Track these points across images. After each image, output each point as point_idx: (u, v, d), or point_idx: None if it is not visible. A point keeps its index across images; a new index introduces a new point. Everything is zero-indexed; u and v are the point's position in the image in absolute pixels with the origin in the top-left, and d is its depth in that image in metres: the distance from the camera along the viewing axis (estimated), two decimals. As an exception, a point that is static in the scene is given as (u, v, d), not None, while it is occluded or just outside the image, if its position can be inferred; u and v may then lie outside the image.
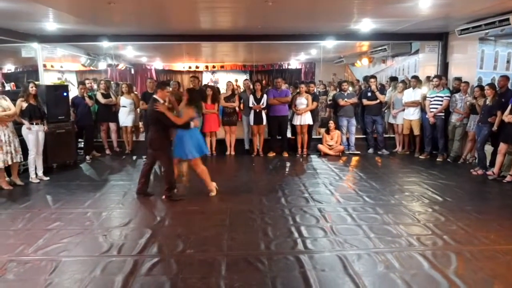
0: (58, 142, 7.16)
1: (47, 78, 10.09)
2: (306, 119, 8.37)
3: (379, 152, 8.76)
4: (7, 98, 6.09)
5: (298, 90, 8.61)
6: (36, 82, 6.90)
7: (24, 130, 6.32)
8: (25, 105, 6.29)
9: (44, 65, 9.74)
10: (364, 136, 9.13)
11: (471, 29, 7.30)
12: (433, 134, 8.11)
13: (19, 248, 3.87)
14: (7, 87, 10.36)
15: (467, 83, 7.66)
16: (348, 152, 8.69)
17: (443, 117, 7.92)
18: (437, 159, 7.94)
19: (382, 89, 9.12)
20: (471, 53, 8.12)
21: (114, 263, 3.57)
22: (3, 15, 6.52)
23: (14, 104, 6.17)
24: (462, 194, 5.70)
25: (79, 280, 3.26)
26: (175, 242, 4.03)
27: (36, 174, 6.47)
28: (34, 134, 6.38)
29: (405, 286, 3.12)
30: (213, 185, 5.67)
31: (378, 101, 8.67)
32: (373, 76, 9.18)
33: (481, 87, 6.95)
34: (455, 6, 6.35)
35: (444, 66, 9.06)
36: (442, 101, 7.82)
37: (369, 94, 8.74)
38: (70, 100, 8.05)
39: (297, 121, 8.44)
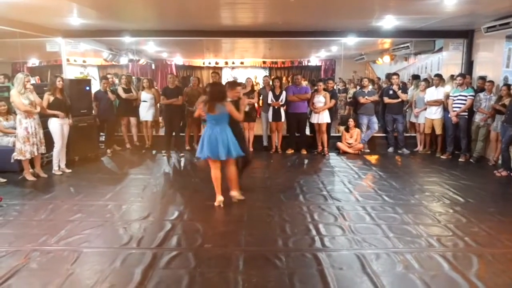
0: (80, 136, 7.30)
1: (70, 73, 10.27)
2: (324, 117, 8.28)
3: (399, 151, 8.64)
4: (34, 92, 6.24)
5: (316, 88, 8.55)
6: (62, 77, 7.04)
7: (51, 123, 6.47)
8: (52, 98, 6.44)
9: (68, 60, 9.92)
10: (385, 134, 9.02)
11: (498, 27, 7.11)
12: (456, 134, 7.95)
13: (42, 238, 3.97)
14: (32, 81, 10.59)
15: (492, 82, 7.48)
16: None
17: (466, 116, 7.75)
18: (459, 160, 7.78)
19: (404, 88, 8.97)
20: (497, 52, 7.91)
21: (133, 255, 3.63)
22: (29, 10, 6.66)
23: (41, 98, 6.33)
24: (484, 196, 5.58)
25: (100, 271, 3.32)
26: (193, 236, 4.07)
27: (59, 166, 6.62)
28: (60, 127, 6.52)
29: (424, 287, 3.07)
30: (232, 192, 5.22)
31: (399, 99, 8.54)
32: (395, 74, 9.04)
33: (508, 86, 6.77)
34: (481, 3, 6.18)
35: (469, 65, 8.84)
36: (465, 100, 7.65)
37: (391, 92, 8.61)
38: (92, 94, 8.19)
39: (314, 119, 8.38)
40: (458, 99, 7.74)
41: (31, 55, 12.24)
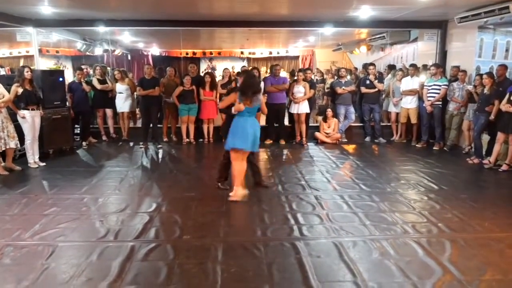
0: (54, 128, 7.13)
1: (43, 64, 9.99)
2: (303, 107, 8.32)
3: (376, 141, 8.78)
4: (0, 85, 6.03)
5: (295, 78, 8.56)
6: (32, 67, 6.82)
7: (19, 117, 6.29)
8: (20, 90, 6.23)
9: (40, 50, 9.63)
10: (362, 124, 9.13)
11: (471, 17, 7.25)
12: (430, 123, 8.12)
13: (16, 233, 3.88)
14: (2, 72, 10.28)
15: (465, 71, 7.65)
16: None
17: (440, 105, 7.91)
18: (434, 148, 7.96)
19: (381, 77, 9.09)
20: (470, 42, 8.08)
21: (110, 249, 3.58)
22: (-3, -2, 6.43)
23: (8, 90, 6.12)
24: (457, 183, 5.73)
25: (76, 265, 3.27)
26: (172, 228, 4.05)
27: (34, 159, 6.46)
28: (30, 120, 6.34)
29: (400, 273, 3.15)
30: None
31: (376, 89, 8.65)
32: (372, 64, 9.14)
33: (482, 76, 6.94)
34: (455, -6, 6.30)
35: (443, 55, 9.02)
36: (439, 89, 7.81)
37: (368, 82, 8.70)
38: (66, 86, 7.99)
39: (294, 109, 8.40)
40: (432, 89, 7.89)
41: (1, 45, 11.85)
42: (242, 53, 16.00)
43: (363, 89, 8.75)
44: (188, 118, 8.38)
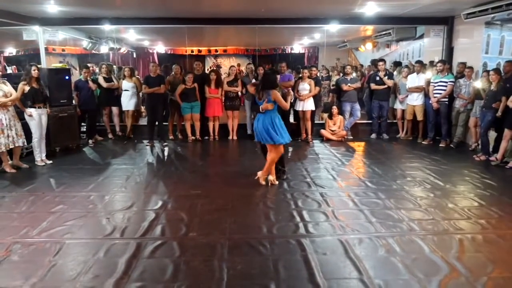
0: (60, 126, 7.17)
1: (49, 62, 10.04)
2: (308, 105, 8.30)
3: (380, 137, 8.76)
4: (7, 83, 6.07)
5: (300, 75, 8.54)
6: (38, 66, 6.86)
7: (26, 115, 6.33)
8: (27, 88, 6.27)
9: (46, 49, 9.68)
10: (369, 121, 9.09)
11: (478, 13, 7.19)
12: (437, 120, 8.07)
13: (23, 231, 3.91)
14: (9, 70, 10.36)
15: (471, 68, 7.59)
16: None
17: (446, 102, 7.87)
18: (440, 145, 7.92)
19: (391, 74, 9.00)
20: (476, 38, 8.02)
21: (117, 246, 3.60)
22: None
23: (15, 88, 6.16)
24: (464, 180, 5.69)
25: (83, 262, 3.29)
26: (178, 225, 4.06)
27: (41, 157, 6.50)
28: (37, 118, 6.38)
29: (406, 270, 3.14)
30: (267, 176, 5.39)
31: (386, 86, 8.60)
32: (382, 60, 9.08)
33: (489, 72, 6.87)
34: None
35: (449, 51, 8.95)
36: (446, 86, 7.76)
37: (378, 78, 8.66)
38: (73, 84, 8.03)
39: (299, 106, 8.39)
40: (438, 85, 7.84)
41: (8, 44, 11.92)
42: (247, 50, 15.96)
43: (373, 86, 8.70)
44: (192, 116, 8.40)
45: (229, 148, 8.30)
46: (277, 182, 5.39)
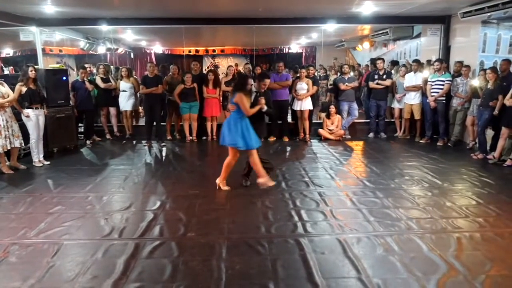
0: (58, 127, 7.16)
1: (47, 63, 10.01)
2: (306, 104, 8.31)
3: (378, 135, 8.77)
4: (4, 84, 6.06)
5: (298, 75, 8.54)
6: (35, 66, 6.85)
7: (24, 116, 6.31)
8: (24, 89, 6.26)
9: (43, 49, 9.66)
10: (367, 120, 9.10)
11: (474, 12, 7.20)
12: (434, 119, 8.09)
13: (21, 232, 3.90)
14: (6, 71, 10.31)
15: (468, 67, 7.61)
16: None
17: (444, 101, 7.89)
18: (438, 144, 7.94)
19: (390, 73, 9.01)
20: (473, 37, 8.04)
21: (115, 246, 3.60)
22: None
23: (13, 89, 6.14)
24: (461, 179, 5.70)
25: (81, 262, 3.29)
26: (176, 225, 4.06)
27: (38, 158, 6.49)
28: (34, 119, 6.37)
29: (404, 269, 3.15)
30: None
31: (384, 85, 8.61)
32: (380, 58, 9.09)
33: (485, 70, 6.89)
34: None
35: (446, 50, 8.97)
36: (443, 85, 7.78)
37: (376, 77, 8.67)
38: (70, 84, 8.01)
39: (297, 106, 8.40)
40: (436, 84, 7.86)
41: (5, 45, 11.88)
42: (245, 50, 15.94)
43: (371, 84, 8.71)
44: (190, 116, 8.39)
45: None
46: (228, 187, 5.22)
